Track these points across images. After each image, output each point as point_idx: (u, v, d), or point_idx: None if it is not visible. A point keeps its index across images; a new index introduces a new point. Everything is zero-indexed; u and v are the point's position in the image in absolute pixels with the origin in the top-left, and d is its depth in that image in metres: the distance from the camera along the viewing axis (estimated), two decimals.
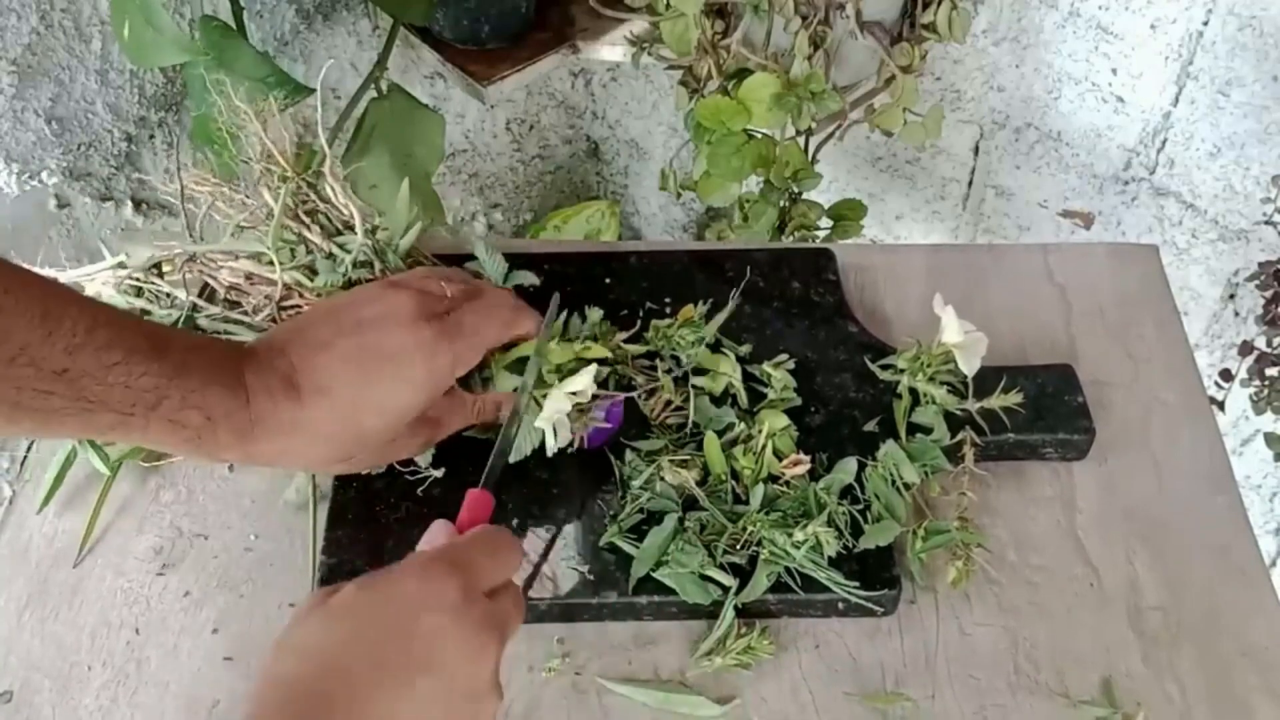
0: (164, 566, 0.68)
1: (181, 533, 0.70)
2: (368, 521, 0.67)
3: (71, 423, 0.54)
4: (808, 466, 0.68)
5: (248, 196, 0.71)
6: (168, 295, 0.71)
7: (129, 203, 1.16)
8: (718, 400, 0.72)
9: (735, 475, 0.68)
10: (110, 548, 0.69)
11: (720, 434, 0.69)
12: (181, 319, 0.69)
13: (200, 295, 0.70)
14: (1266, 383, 0.98)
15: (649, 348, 0.73)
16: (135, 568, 0.68)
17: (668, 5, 1.06)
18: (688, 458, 0.68)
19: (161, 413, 0.56)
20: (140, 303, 0.70)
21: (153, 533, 0.70)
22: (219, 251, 0.70)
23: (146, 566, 0.68)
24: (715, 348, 0.74)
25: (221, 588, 0.67)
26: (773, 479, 0.68)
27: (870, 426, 0.71)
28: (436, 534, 0.56)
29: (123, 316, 0.57)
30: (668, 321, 0.74)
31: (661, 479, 0.67)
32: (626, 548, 0.65)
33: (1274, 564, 1.31)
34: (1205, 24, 1.05)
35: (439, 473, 0.68)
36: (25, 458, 0.73)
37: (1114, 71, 1.14)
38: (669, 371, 0.72)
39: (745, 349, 0.74)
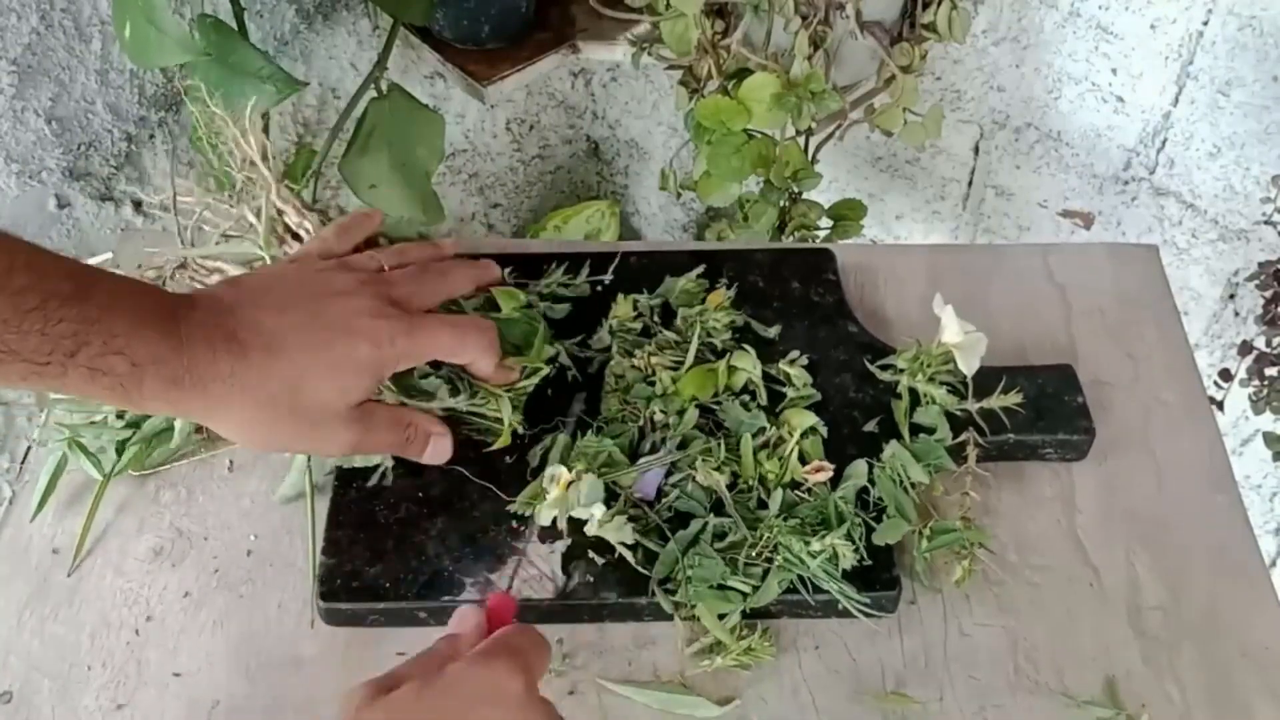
0: (164, 567, 0.68)
1: (181, 533, 0.70)
2: (367, 522, 0.67)
3: None
4: (830, 474, 0.67)
5: (233, 205, 0.72)
6: None
7: (129, 203, 1.15)
8: (736, 395, 0.72)
9: (760, 479, 0.68)
10: (110, 548, 0.69)
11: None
12: None
13: None
14: (1266, 382, 0.98)
15: (677, 337, 0.74)
16: (135, 568, 0.68)
17: (668, 5, 1.05)
18: (719, 462, 0.68)
19: (80, 360, 0.53)
20: None
21: (152, 533, 0.70)
22: (210, 256, 0.71)
23: (146, 567, 0.68)
24: (738, 343, 0.74)
25: (221, 588, 0.67)
26: (794, 485, 0.68)
27: (870, 427, 0.71)
28: (466, 618, 0.55)
29: (45, 257, 0.54)
30: (698, 309, 0.75)
31: (694, 479, 0.67)
32: (652, 547, 0.65)
33: (1274, 564, 1.31)
34: (1205, 24, 1.05)
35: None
36: (25, 458, 0.73)
37: (1114, 71, 1.14)
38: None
39: (775, 330, 0.75)
